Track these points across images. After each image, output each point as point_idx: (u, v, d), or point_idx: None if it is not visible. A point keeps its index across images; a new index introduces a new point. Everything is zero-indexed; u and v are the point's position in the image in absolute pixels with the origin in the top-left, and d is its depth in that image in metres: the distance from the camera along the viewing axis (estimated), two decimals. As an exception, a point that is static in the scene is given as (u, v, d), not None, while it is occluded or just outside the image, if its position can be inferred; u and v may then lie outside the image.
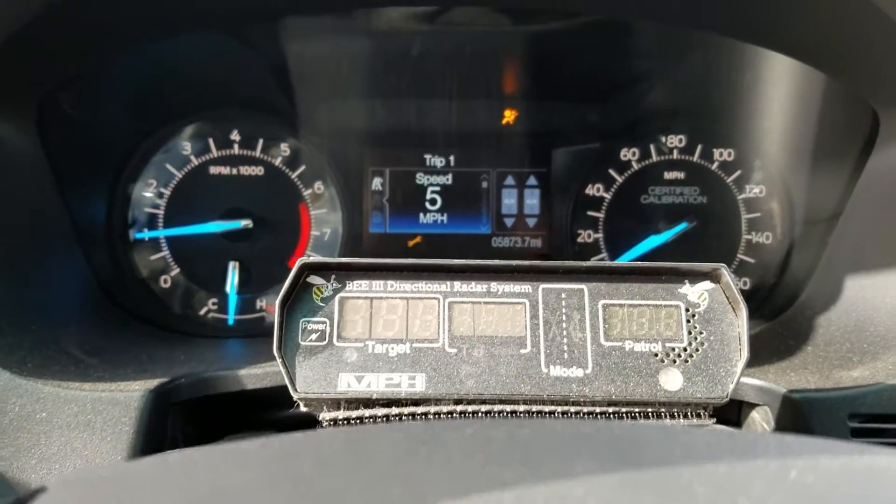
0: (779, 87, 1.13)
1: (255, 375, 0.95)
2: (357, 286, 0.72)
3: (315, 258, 0.70)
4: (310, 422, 0.78)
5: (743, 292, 0.76)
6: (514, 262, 0.71)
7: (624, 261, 1.18)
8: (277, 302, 0.69)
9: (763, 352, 1.00)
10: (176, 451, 0.61)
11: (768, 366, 0.96)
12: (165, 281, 1.17)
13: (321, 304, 0.71)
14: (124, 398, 0.85)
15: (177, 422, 0.90)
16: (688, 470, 0.35)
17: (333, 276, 0.72)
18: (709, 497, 0.33)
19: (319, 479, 0.33)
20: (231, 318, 1.17)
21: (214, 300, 1.18)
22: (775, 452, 0.38)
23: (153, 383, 0.88)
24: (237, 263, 1.17)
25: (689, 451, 0.37)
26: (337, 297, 0.71)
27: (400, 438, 0.39)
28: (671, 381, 0.69)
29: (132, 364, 0.96)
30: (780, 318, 1.12)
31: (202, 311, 1.18)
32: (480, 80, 1.18)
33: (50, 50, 0.93)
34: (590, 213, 1.21)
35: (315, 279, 0.71)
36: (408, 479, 0.33)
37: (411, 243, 1.23)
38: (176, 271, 1.18)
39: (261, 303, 1.19)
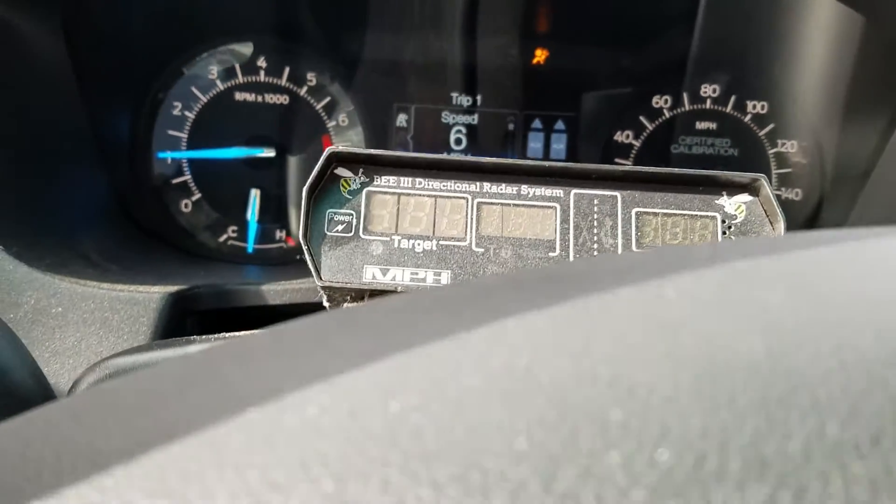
0: (817, 37, 1.11)
1: (275, 291, 0.94)
2: (385, 181, 0.70)
3: (344, 148, 0.69)
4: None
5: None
6: (546, 164, 0.69)
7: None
8: (305, 190, 0.68)
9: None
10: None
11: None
12: (186, 205, 1.16)
13: (348, 197, 0.69)
14: (143, 298, 0.84)
15: (195, 333, 0.89)
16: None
17: (361, 170, 0.70)
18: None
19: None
20: (251, 245, 1.16)
21: (234, 227, 1.17)
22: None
23: (172, 289, 0.87)
24: (259, 191, 1.16)
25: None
26: (364, 191, 0.70)
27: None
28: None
29: (151, 273, 0.95)
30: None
31: (222, 238, 1.17)
32: (512, 18, 1.16)
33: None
34: (618, 160, 1.19)
35: (343, 171, 0.70)
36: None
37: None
38: (197, 196, 1.16)
39: (280, 232, 1.17)
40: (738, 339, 0.25)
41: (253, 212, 1.15)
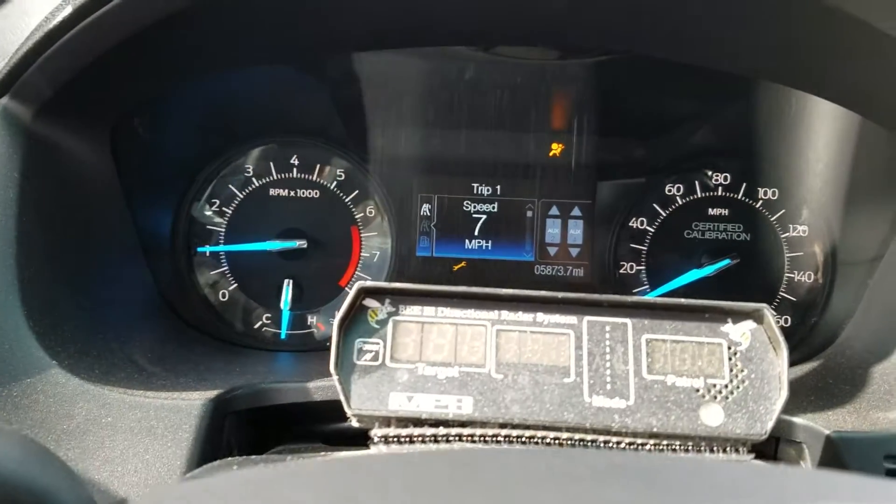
0: (823, 130, 1.15)
1: (307, 389, 0.99)
2: (410, 311, 0.76)
3: (372, 282, 0.75)
4: (358, 435, 0.82)
5: (783, 329, 0.77)
6: (560, 294, 0.75)
7: (665, 292, 1.20)
8: (336, 322, 0.73)
9: (801, 389, 1.01)
10: (245, 468, 0.65)
11: (806, 404, 0.97)
12: (223, 295, 1.23)
13: (376, 326, 0.75)
14: (185, 406, 0.90)
15: (232, 429, 0.95)
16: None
17: (388, 300, 0.76)
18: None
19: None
20: (284, 332, 1.23)
21: (268, 315, 1.23)
22: (817, 486, 0.41)
23: (212, 393, 0.93)
24: (291, 281, 1.22)
25: (733, 484, 0.40)
26: (391, 320, 0.75)
27: (447, 464, 0.43)
28: (712, 416, 0.71)
29: (192, 373, 1.01)
30: (819, 357, 1.13)
31: (257, 325, 1.23)
32: (529, 114, 1.22)
33: (127, 76, 1.00)
34: (633, 245, 1.24)
35: (371, 302, 0.76)
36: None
37: (456, 268, 1.27)
38: (234, 286, 1.23)
39: (312, 319, 1.24)
40: None
41: (286, 300, 1.22)
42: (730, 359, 0.73)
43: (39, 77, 0.93)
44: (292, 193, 1.24)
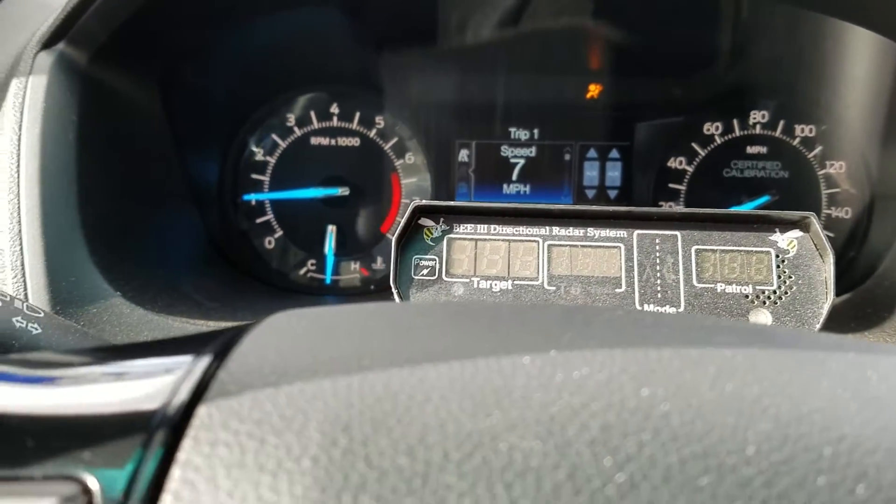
0: (859, 64, 1.15)
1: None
2: (463, 228, 0.78)
3: (426, 202, 0.77)
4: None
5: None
6: (609, 209, 0.77)
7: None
8: (394, 239, 0.76)
9: (842, 319, 1.02)
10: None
11: (847, 331, 0.98)
12: (269, 242, 1.27)
13: (431, 244, 0.78)
14: (245, 333, 0.93)
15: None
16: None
17: (442, 219, 0.78)
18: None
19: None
20: (328, 277, 1.26)
21: (313, 261, 1.27)
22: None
23: (269, 322, 0.96)
24: (335, 227, 1.25)
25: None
26: (445, 238, 0.78)
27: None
28: (761, 320, 0.73)
29: (248, 309, 1.05)
30: (858, 289, 1.14)
31: (302, 271, 1.27)
32: (566, 56, 1.24)
33: (177, 19, 1.03)
34: (672, 185, 1.25)
35: (426, 221, 0.78)
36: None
37: (495, 214, 1.29)
38: (279, 233, 1.27)
39: (355, 264, 1.27)
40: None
41: (330, 246, 1.25)
42: (778, 266, 0.75)
43: (94, 22, 0.96)
44: (333, 142, 1.27)
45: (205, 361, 0.39)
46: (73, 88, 0.97)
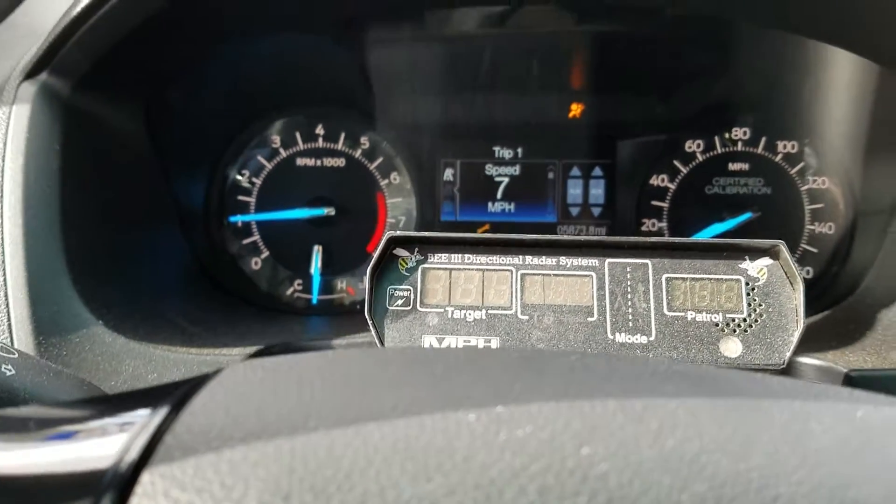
0: (839, 81, 1.16)
1: (340, 346, 1.03)
2: (438, 258, 0.79)
3: (401, 232, 0.78)
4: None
5: (805, 281, 0.79)
6: (581, 238, 0.77)
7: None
8: (368, 271, 0.77)
9: (823, 336, 1.03)
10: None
11: (828, 348, 0.99)
12: (256, 262, 1.28)
13: (406, 274, 0.78)
14: (226, 362, 0.94)
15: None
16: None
17: (417, 249, 0.79)
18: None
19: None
20: (315, 297, 1.27)
21: (300, 281, 1.28)
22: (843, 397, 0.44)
23: (251, 350, 0.97)
24: (321, 247, 1.26)
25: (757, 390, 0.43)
26: (420, 268, 0.79)
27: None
28: (731, 348, 0.74)
29: (231, 334, 1.06)
30: (840, 305, 1.15)
31: (289, 291, 1.28)
32: (548, 76, 1.24)
33: (158, 49, 1.04)
34: (654, 202, 1.26)
35: (401, 251, 0.79)
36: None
37: (480, 231, 1.30)
38: (265, 254, 1.28)
39: (341, 284, 1.28)
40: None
41: (316, 266, 1.26)
42: (748, 294, 0.75)
43: (77, 52, 0.97)
44: (319, 163, 1.28)
45: (158, 418, 0.40)
46: (57, 117, 0.98)
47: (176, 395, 0.42)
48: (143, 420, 0.39)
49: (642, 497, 0.34)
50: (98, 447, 0.38)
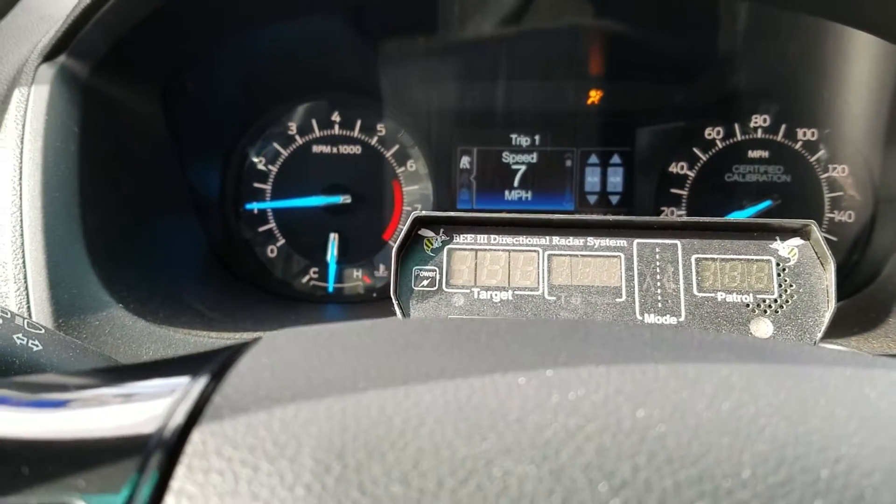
0: (860, 68, 1.15)
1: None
2: (463, 239, 0.78)
3: (426, 212, 0.77)
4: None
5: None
6: (610, 218, 0.76)
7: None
8: (394, 251, 0.76)
9: (846, 323, 1.02)
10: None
11: (850, 335, 0.98)
12: (272, 250, 1.27)
13: (431, 255, 0.78)
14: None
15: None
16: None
17: (442, 230, 0.78)
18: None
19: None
20: (331, 285, 1.26)
21: (315, 269, 1.27)
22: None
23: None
24: (336, 235, 1.25)
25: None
26: (445, 248, 0.78)
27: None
28: (762, 329, 0.73)
29: (249, 319, 1.05)
30: (861, 293, 1.14)
31: (305, 279, 1.27)
32: (566, 62, 1.23)
33: (177, 30, 1.03)
34: (673, 190, 1.25)
35: (426, 232, 0.78)
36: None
37: (497, 220, 1.29)
38: (281, 241, 1.27)
39: (357, 272, 1.27)
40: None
41: (332, 254, 1.25)
42: (778, 274, 0.74)
43: (96, 34, 0.96)
44: (335, 150, 1.27)
45: (201, 383, 0.39)
46: (75, 100, 0.97)
47: (217, 361, 0.41)
48: (186, 384, 0.39)
49: (703, 457, 0.33)
50: (143, 410, 0.37)
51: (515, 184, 1.28)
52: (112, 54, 0.98)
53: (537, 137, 1.28)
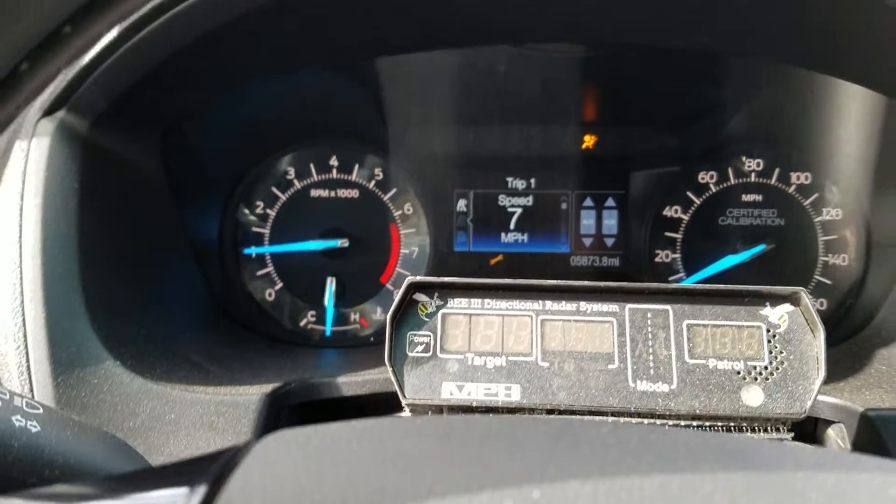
0: (852, 112, 1.16)
1: (356, 383, 1.03)
2: (457, 303, 0.79)
3: (421, 278, 0.78)
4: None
5: (819, 312, 0.79)
6: (602, 284, 0.77)
7: (701, 279, 1.22)
8: (388, 317, 0.77)
9: (839, 370, 1.02)
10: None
11: (843, 384, 0.98)
12: (270, 294, 1.28)
13: (426, 319, 0.79)
14: (243, 401, 0.94)
15: (287, 423, 0.99)
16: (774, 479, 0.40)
17: (437, 294, 0.79)
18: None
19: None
20: (328, 329, 1.27)
21: (313, 312, 1.28)
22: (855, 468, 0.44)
23: (267, 388, 0.97)
24: (334, 279, 1.26)
25: (774, 463, 0.43)
26: (440, 313, 0.79)
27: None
28: (753, 397, 0.73)
29: (247, 370, 1.06)
30: (855, 338, 1.15)
31: (303, 323, 1.28)
32: (561, 107, 1.25)
33: (176, 86, 1.04)
34: (667, 233, 1.26)
35: (421, 296, 0.79)
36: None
37: (493, 261, 1.30)
38: (279, 285, 1.28)
39: (355, 315, 1.28)
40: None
41: (330, 298, 1.26)
42: (769, 341, 0.75)
43: (95, 90, 0.97)
44: (332, 194, 1.28)
45: (198, 496, 0.40)
46: (74, 155, 0.98)
47: (212, 473, 0.42)
48: (183, 500, 0.40)
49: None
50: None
51: (512, 226, 1.29)
52: (111, 110, 0.99)
53: (533, 180, 1.29)
